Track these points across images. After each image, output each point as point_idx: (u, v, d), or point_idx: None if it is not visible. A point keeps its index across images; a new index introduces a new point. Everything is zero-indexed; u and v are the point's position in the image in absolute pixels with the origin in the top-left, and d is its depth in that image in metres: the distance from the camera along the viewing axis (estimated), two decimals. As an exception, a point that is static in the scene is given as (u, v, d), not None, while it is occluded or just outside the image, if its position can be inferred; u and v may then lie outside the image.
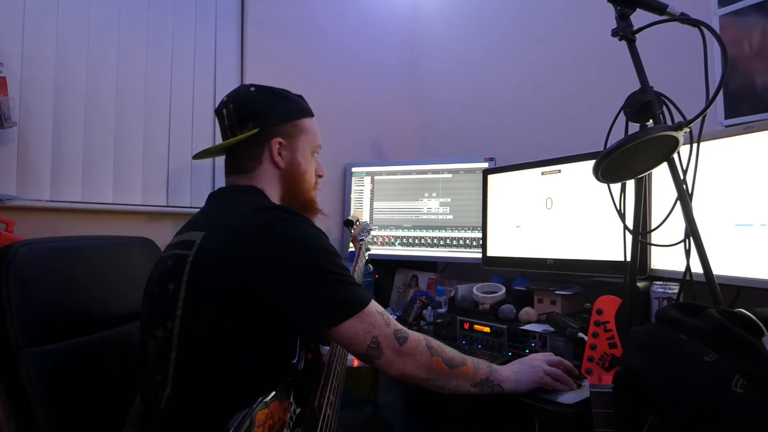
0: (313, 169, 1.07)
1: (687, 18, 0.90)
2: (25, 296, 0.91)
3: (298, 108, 1.05)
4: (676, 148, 0.87)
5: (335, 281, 0.86)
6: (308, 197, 1.06)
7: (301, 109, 1.06)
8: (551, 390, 1.04)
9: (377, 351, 0.87)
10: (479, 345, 1.39)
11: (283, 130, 1.01)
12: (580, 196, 1.42)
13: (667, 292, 1.15)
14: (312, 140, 1.06)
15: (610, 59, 1.50)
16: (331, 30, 2.07)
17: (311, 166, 1.07)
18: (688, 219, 0.86)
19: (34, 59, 1.39)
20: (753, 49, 1.28)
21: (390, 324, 0.90)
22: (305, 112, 1.06)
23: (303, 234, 0.87)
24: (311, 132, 1.06)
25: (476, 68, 2.07)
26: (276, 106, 1.02)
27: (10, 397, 0.90)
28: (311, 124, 1.07)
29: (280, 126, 1.01)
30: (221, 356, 0.81)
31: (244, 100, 1.01)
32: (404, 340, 0.90)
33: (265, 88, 1.04)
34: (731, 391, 0.59)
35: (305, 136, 1.04)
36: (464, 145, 2.09)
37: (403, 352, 0.89)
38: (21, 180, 1.36)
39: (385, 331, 0.88)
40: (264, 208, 0.90)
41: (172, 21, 1.67)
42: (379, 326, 0.88)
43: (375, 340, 0.87)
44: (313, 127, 1.07)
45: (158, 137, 1.64)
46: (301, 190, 1.04)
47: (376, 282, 1.85)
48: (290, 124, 1.02)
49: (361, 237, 1.55)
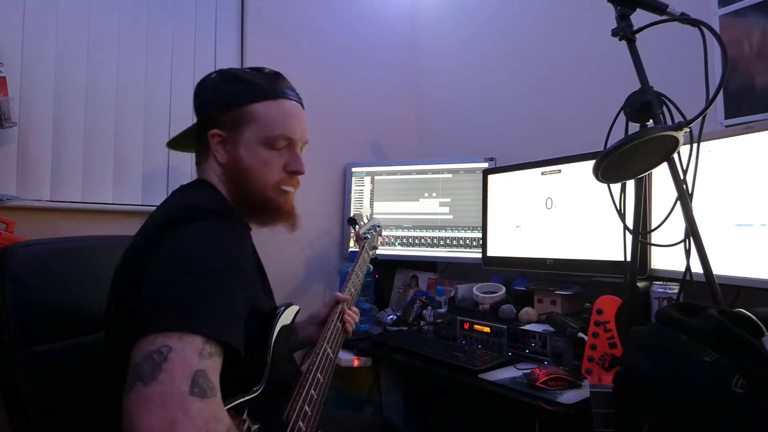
0: (268, 165, 0.87)
1: (687, 18, 0.90)
2: (21, 297, 0.91)
3: (247, 91, 0.86)
4: (676, 148, 0.87)
5: (182, 286, 0.63)
6: (262, 197, 0.88)
7: (252, 92, 0.86)
8: (551, 390, 1.04)
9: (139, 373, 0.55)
10: (479, 345, 1.39)
11: (222, 121, 0.86)
12: (580, 196, 1.42)
13: (667, 292, 1.15)
14: (262, 129, 0.85)
15: (610, 59, 1.50)
16: (331, 30, 2.07)
17: (262, 161, 0.86)
18: (688, 219, 0.86)
19: (34, 59, 1.39)
20: (753, 49, 1.28)
21: (198, 380, 0.56)
22: (258, 95, 0.86)
23: (201, 232, 0.71)
24: (262, 119, 0.85)
25: (476, 68, 2.07)
26: (219, 93, 0.87)
27: (6, 397, 0.91)
28: (268, 108, 0.86)
29: (219, 116, 0.86)
30: None
31: (200, 89, 0.91)
32: (155, 383, 0.54)
33: (225, 72, 0.90)
34: (731, 391, 0.59)
35: (252, 125, 0.85)
36: (464, 145, 2.09)
37: (147, 394, 0.53)
38: (21, 180, 1.36)
39: (188, 357, 0.57)
40: (178, 208, 0.76)
41: (171, 21, 1.67)
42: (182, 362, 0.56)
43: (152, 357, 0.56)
44: (268, 113, 0.86)
45: (158, 137, 1.63)
46: (251, 189, 0.87)
47: (376, 282, 1.85)
48: (232, 112, 0.85)
49: (365, 235, 1.47)
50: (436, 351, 1.32)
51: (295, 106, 0.91)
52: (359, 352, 1.51)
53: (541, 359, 1.24)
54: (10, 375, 0.88)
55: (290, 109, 0.89)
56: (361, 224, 1.51)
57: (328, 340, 0.98)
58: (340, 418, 1.22)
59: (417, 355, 1.33)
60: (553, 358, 1.22)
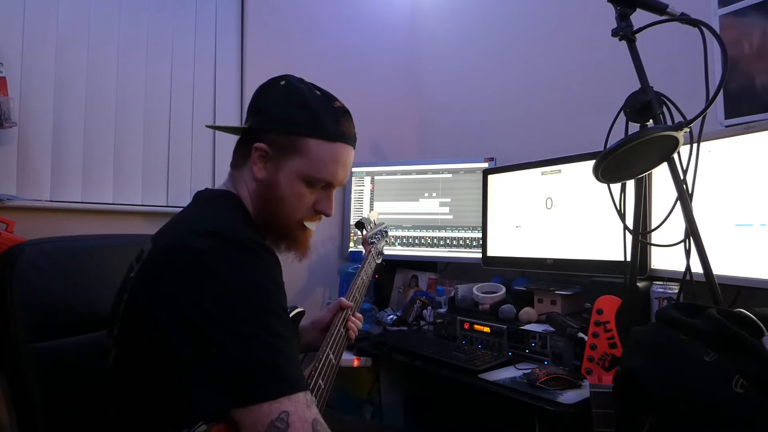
0: (301, 200, 0.85)
1: (687, 18, 0.90)
2: (29, 294, 0.94)
3: (309, 124, 0.83)
4: (676, 148, 0.87)
5: (261, 347, 0.64)
6: (285, 227, 0.86)
7: (313, 126, 0.83)
8: (551, 390, 1.04)
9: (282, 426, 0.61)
10: (479, 345, 1.39)
11: (273, 139, 0.83)
12: (580, 196, 1.42)
13: (667, 292, 1.15)
14: (308, 166, 0.83)
15: (610, 59, 1.50)
16: (331, 30, 2.07)
17: (296, 195, 0.84)
18: (688, 219, 0.86)
19: (34, 59, 1.39)
20: (753, 49, 1.28)
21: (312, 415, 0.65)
22: (318, 132, 0.83)
23: (241, 277, 0.68)
24: (314, 158, 0.82)
25: (476, 68, 2.07)
26: (282, 110, 0.84)
27: (12, 389, 0.93)
28: (322, 149, 0.83)
29: (272, 132, 0.83)
30: (142, 383, 0.73)
31: (263, 95, 0.87)
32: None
33: (295, 88, 0.85)
34: (731, 391, 0.59)
35: (300, 158, 0.82)
36: (464, 145, 2.09)
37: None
38: (21, 180, 1.36)
39: (303, 414, 0.63)
40: (204, 233, 0.72)
41: (172, 21, 1.67)
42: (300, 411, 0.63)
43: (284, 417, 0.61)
44: (321, 154, 0.83)
45: (158, 137, 1.64)
46: (277, 218, 0.85)
47: (376, 282, 1.85)
48: (287, 136, 0.83)
49: (372, 240, 1.42)
50: (436, 351, 1.32)
51: (348, 151, 0.88)
52: (359, 352, 1.51)
53: (541, 359, 1.24)
54: (15, 369, 0.91)
55: (342, 156, 0.86)
56: (368, 228, 1.46)
57: (331, 345, 0.96)
58: (344, 423, 1.21)
59: (417, 355, 1.33)
60: (553, 358, 1.22)
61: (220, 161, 1.76)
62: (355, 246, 1.99)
